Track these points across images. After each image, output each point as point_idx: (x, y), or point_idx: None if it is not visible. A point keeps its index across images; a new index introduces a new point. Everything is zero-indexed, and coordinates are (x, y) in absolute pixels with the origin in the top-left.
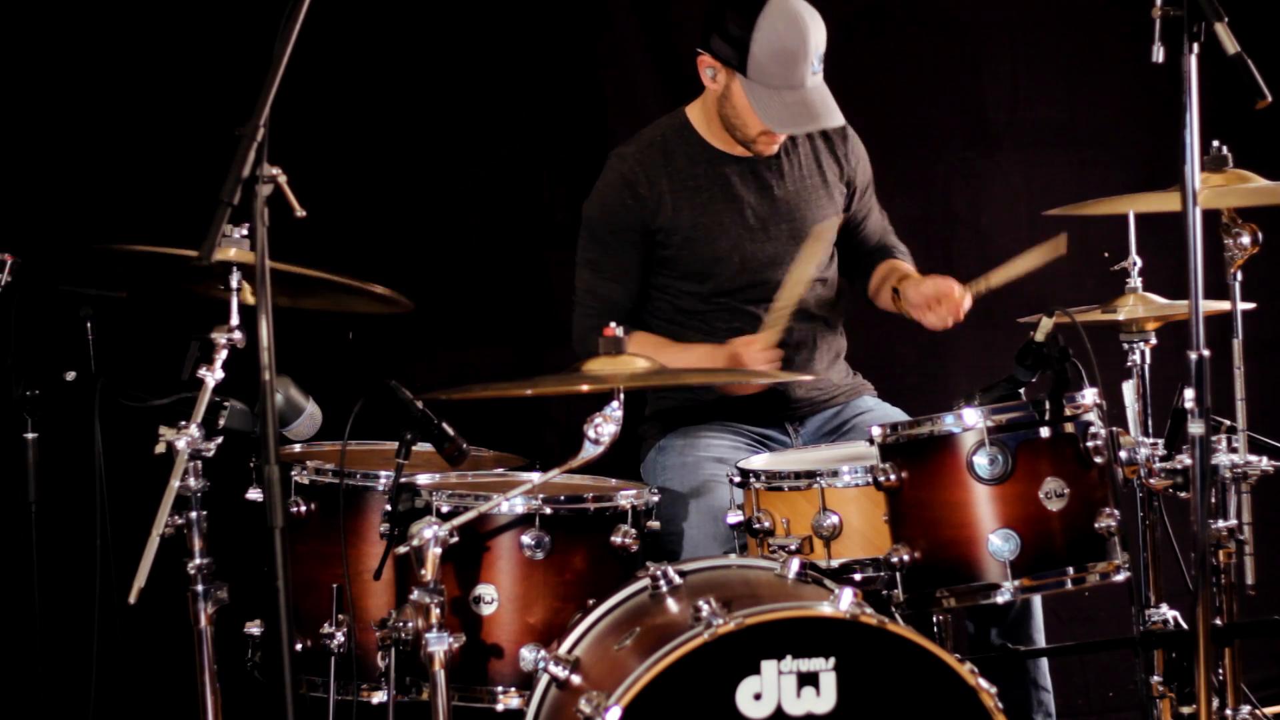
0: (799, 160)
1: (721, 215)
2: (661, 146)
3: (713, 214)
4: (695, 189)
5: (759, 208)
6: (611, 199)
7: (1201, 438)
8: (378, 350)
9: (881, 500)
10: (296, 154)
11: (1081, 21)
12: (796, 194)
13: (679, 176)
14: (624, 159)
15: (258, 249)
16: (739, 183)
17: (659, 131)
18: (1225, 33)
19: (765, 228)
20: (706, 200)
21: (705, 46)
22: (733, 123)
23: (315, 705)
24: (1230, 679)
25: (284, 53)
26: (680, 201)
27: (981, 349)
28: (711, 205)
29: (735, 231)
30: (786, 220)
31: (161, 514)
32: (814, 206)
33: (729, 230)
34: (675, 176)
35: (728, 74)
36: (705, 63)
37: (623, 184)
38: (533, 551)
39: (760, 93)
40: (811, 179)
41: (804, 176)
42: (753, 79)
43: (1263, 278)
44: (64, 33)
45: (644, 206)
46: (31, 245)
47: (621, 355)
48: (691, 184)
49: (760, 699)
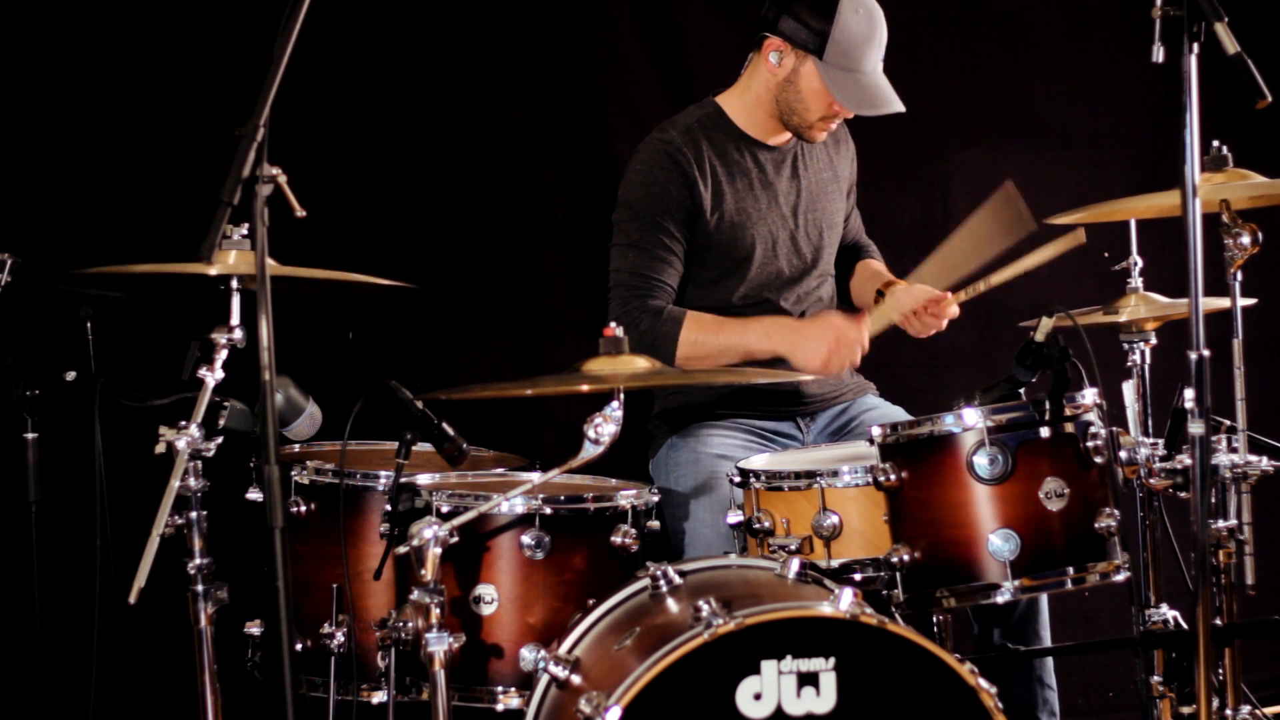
0: (816, 154)
1: (760, 200)
2: (701, 130)
3: (752, 199)
4: (737, 172)
5: (790, 196)
6: (660, 177)
7: (1201, 438)
8: (378, 350)
9: (881, 500)
10: (296, 154)
11: (1081, 21)
12: (819, 185)
13: (723, 159)
14: (667, 140)
15: (258, 249)
16: (773, 170)
17: (693, 118)
18: (1225, 33)
19: (796, 215)
20: (747, 185)
21: (773, 30)
22: (794, 106)
23: (315, 705)
24: (1230, 679)
25: (284, 53)
26: (723, 184)
27: (981, 349)
28: (750, 190)
29: (773, 217)
30: (811, 210)
31: (161, 514)
32: (831, 198)
33: (766, 216)
34: (720, 159)
35: (798, 57)
36: (773, 45)
37: (670, 163)
38: (533, 551)
39: (836, 75)
40: (827, 172)
41: (821, 169)
42: (829, 62)
43: (1263, 278)
44: (64, 32)
45: (691, 185)
46: (31, 245)
47: (622, 355)
48: (734, 167)
49: (760, 699)
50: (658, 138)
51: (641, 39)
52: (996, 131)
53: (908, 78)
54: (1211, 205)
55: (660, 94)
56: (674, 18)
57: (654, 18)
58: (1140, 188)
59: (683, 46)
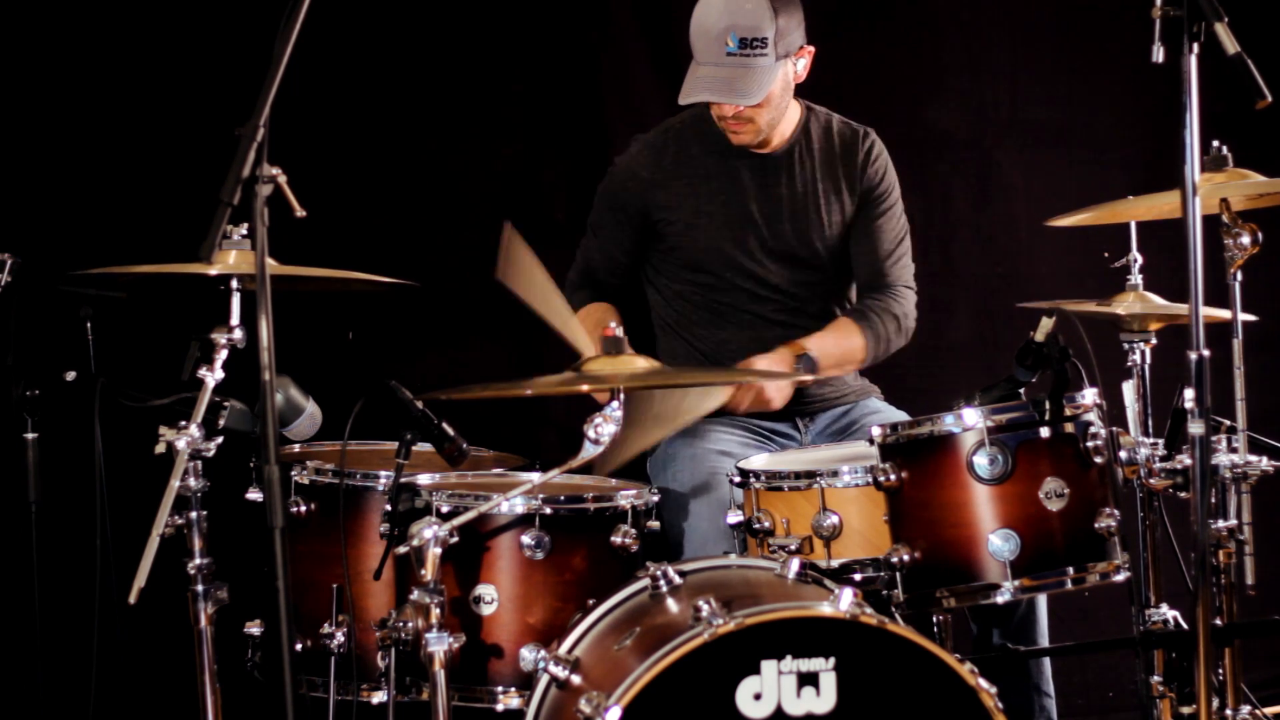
0: (811, 163)
1: (727, 206)
2: (679, 134)
3: (718, 204)
4: (703, 177)
5: (763, 205)
6: (619, 178)
7: (1201, 438)
8: (378, 350)
9: (881, 500)
10: (296, 154)
11: (1081, 21)
12: (804, 196)
13: (690, 164)
14: (639, 142)
15: (258, 249)
16: (747, 177)
17: (680, 120)
18: (1225, 33)
19: (769, 224)
20: (713, 190)
21: None
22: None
23: (315, 705)
24: (1230, 679)
25: (284, 53)
26: (685, 188)
27: (981, 349)
28: (717, 196)
29: (737, 224)
30: (790, 221)
31: (161, 514)
32: (819, 211)
33: (731, 222)
34: (686, 163)
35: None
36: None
37: (631, 165)
38: (533, 551)
39: (691, 66)
40: (822, 183)
41: (812, 180)
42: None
43: (1263, 278)
44: (64, 32)
45: (645, 189)
46: (31, 245)
47: (622, 355)
48: (701, 172)
49: (760, 699)
50: (635, 138)
51: (641, 39)
52: (996, 131)
53: (908, 78)
54: (1211, 205)
55: (660, 94)
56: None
57: (654, 18)
58: (1140, 188)
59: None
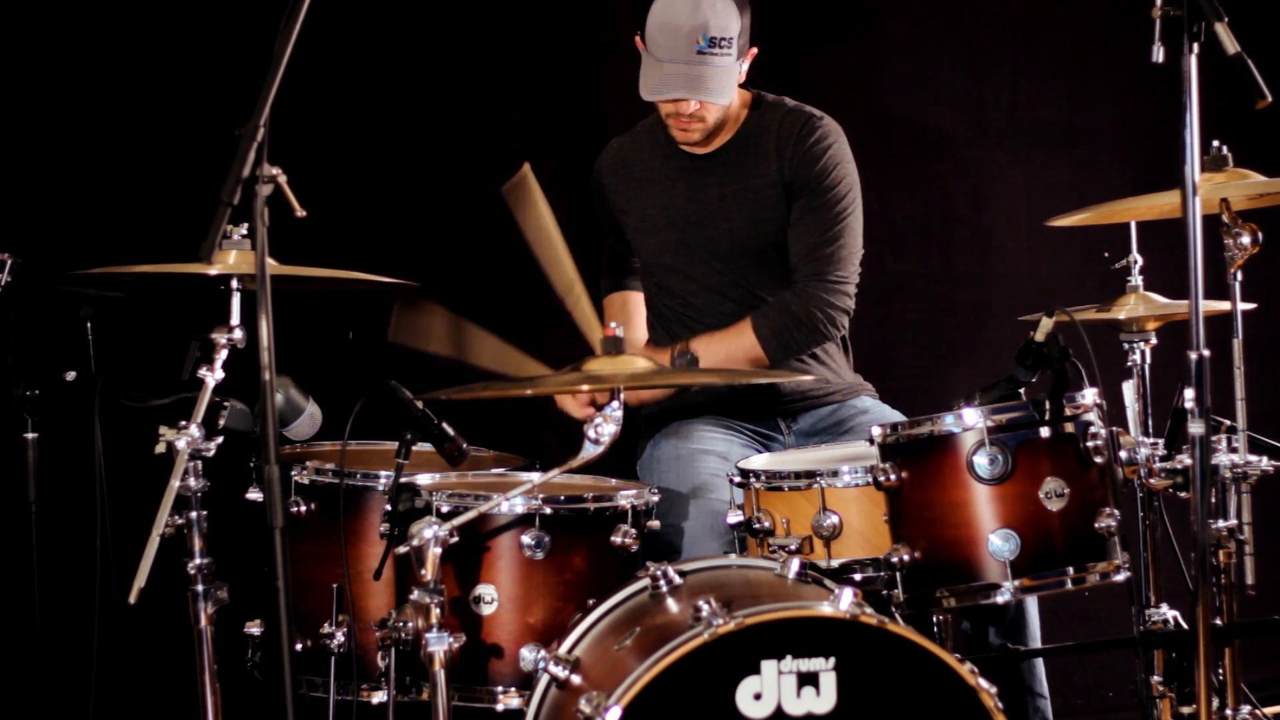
0: (748, 157)
1: (667, 210)
2: (638, 137)
3: (659, 207)
4: (649, 180)
5: (702, 205)
6: (593, 178)
7: (1201, 438)
8: (378, 350)
9: (881, 500)
10: (296, 154)
11: (1081, 21)
12: (736, 194)
13: (641, 166)
14: (614, 143)
15: (258, 249)
16: (686, 177)
17: (647, 121)
18: (1225, 33)
19: (709, 225)
20: (656, 194)
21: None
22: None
23: (315, 705)
24: (1230, 679)
25: (284, 53)
26: (634, 191)
27: (981, 349)
28: (660, 198)
29: (677, 227)
30: (731, 218)
31: (161, 514)
32: (758, 206)
33: (673, 225)
34: (639, 166)
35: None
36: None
37: (600, 167)
38: (533, 551)
39: (650, 64)
40: (752, 180)
41: (742, 176)
42: (649, 51)
43: (1263, 278)
44: (64, 33)
45: (608, 192)
46: (31, 245)
47: (621, 355)
48: (648, 175)
49: (760, 699)
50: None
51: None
52: (996, 131)
53: (908, 78)
54: (1211, 205)
55: None
56: None
57: None
58: (1140, 188)
59: None
